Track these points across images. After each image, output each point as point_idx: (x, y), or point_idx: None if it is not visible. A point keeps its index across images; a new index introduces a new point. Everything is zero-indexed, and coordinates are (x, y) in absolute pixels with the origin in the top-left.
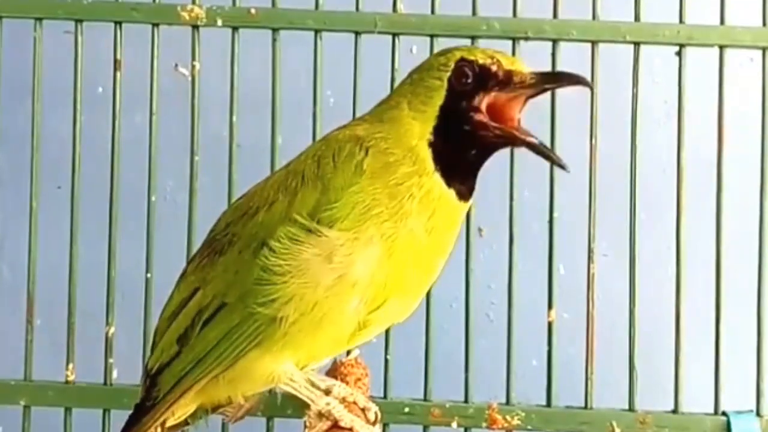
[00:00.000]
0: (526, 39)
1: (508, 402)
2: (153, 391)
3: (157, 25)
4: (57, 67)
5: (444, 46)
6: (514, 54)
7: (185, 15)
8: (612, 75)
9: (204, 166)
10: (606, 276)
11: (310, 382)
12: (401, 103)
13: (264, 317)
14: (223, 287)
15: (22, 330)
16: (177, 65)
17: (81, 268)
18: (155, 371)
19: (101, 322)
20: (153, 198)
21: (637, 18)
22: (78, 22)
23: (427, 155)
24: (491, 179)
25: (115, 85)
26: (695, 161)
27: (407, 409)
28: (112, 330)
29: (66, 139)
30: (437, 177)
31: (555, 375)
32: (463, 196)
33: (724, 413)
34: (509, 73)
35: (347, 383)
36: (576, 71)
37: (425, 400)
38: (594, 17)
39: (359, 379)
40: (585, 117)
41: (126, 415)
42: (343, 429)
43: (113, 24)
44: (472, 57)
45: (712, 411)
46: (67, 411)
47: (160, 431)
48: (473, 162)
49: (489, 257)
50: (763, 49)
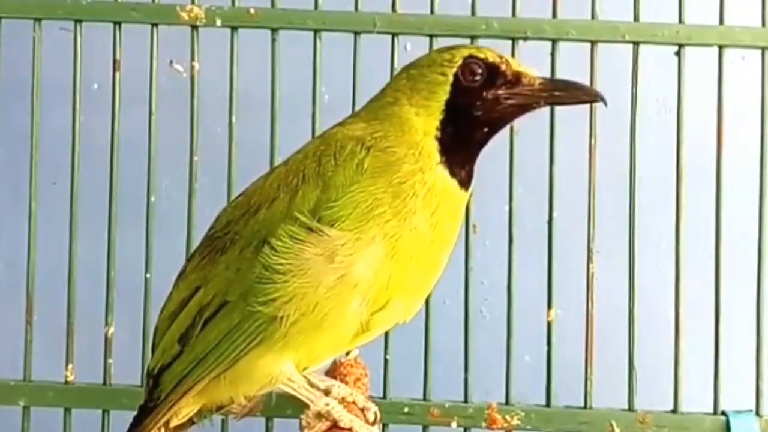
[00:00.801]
0: (525, 39)
1: (507, 402)
2: (155, 392)
3: (156, 25)
4: (49, 65)
5: (443, 45)
6: (513, 54)
7: (184, 15)
8: (612, 75)
9: (203, 166)
10: (604, 275)
11: (309, 382)
12: (399, 99)
13: (265, 316)
14: (225, 285)
15: (21, 330)
16: (172, 61)
17: (80, 267)
18: (157, 372)
19: (100, 322)
20: (152, 198)
21: (636, 18)
22: (77, 22)
23: (434, 149)
24: (484, 177)
25: (115, 85)
26: (694, 161)
27: (407, 409)
28: (111, 330)
29: (59, 136)
30: (441, 169)
31: (554, 375)
32: (465, 184)
33: (723, 413)
34: (518, 74)
35: (346, 383)
36: (575, 71)
37: (425, 400)
38: (593, 17)
39: (358, 379)
40: (585, 117)
41: (125, 416)
42: (343, 429)
43: (112, 24)
44: (482, 55)
45: (711, 411)
46: (67, 411)
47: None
48: (477, 145)
49: (482, 254)
50: (762, 49)
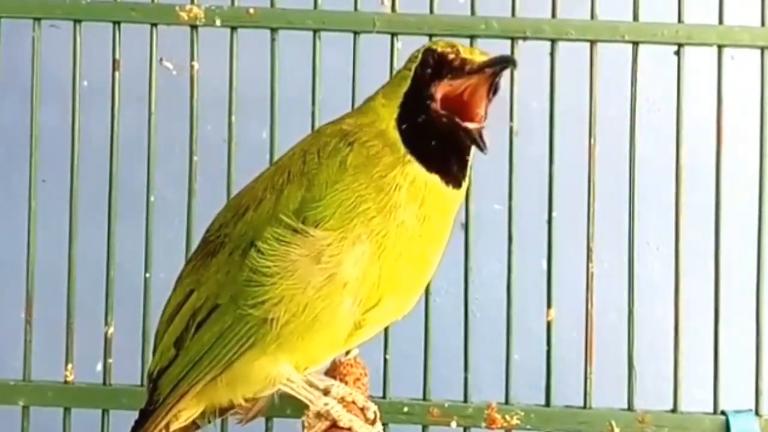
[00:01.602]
0: (524, 39)
1: (507, 401)
2: (154, 395)
3: (156, 25)
4: (43, 63)
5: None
6: (512, 54)
7: (184, 15)
8: (611, 74)
9: (202, 165)
10: (604, 275)
11: (308, 382)
12: (379, 94)
13: (255, 319)
14: (216, 288)
15: (20, 330)
16: (162, 59)
17: (79, 267)
18: (155, 375)
19: (100, 322)
20: (152, 198)
21: (636, 17)
22: (77, 21)
23: (396, 138)
24: (484, 176)
25: (114, 85)
26: (693, 160)
27: (406, 409)
28: (111, 330)
29: (47, 134)
30: (412, 160)
31: (554, 374)
32: (450, 182)
33: (723, 412)
34: (463, 62)
35: (346, 383)
36: (575, 71)
37: (424, 399)
38: (592, 17)
39: (358, 379)
40: (584, 117)
41: (125, 415)
42: (342, 429)
43: (111, 24)
44: (435, 47)
45: (711, 410)
46: (66, 411)
47: None
48: (446, 149)
49: (472, 252)
50: (762, 49)
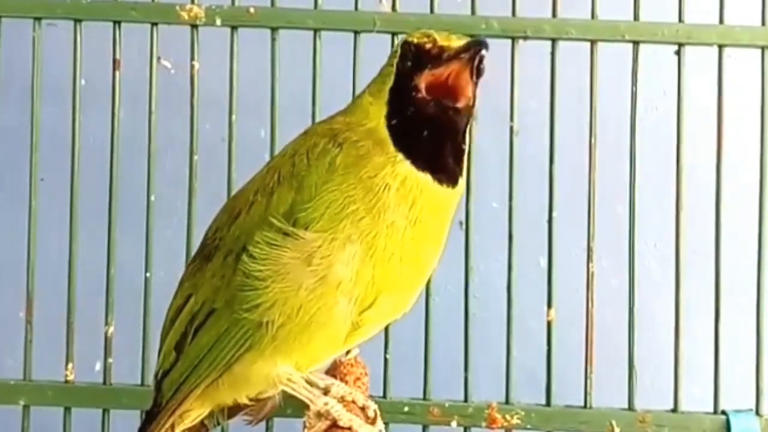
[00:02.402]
0: (525, 38)
1: (507, 401)
2: (158, 398)
3: (156, 25)
4: (43, 63)
5: None
6: (513, 53)
7: (184, 14)
8: (611, 74)
9: (202, 165)
10: (604, 275)
11: (308, 381)
12: (366, 92)
13: (250, 322)
14: (212, 293)
15: (21, 329)
16: (159, 58)
17: (79, 267)
18: (159, 378)
19: (100, 321)
20: (152, 197)
21: (636, 17)
22: (77, 21)
23: (386, 136)
24: (484, 176)
25: (114, 85)
26: (694, 160)
27: (407, 409)
28: (111, 329)
29: (50, 133)
30: (403, 160)
31: (554, 374)
32: (443, 181)
33: (723, 412)
34: (441, 50)
35: (346, 382)
36: (575, 70)
37: (424, 399)
38: (593, 16)
39: (358, 378)
40: (584, 116)
41: (125, 415)
42: (342, 428)
43: (112, 23)
44: (411, 39)
45: (711, 410)
46: (67, 411)
47: None
48: (437, 143)
49: (472, 251)
50: (762, 48)
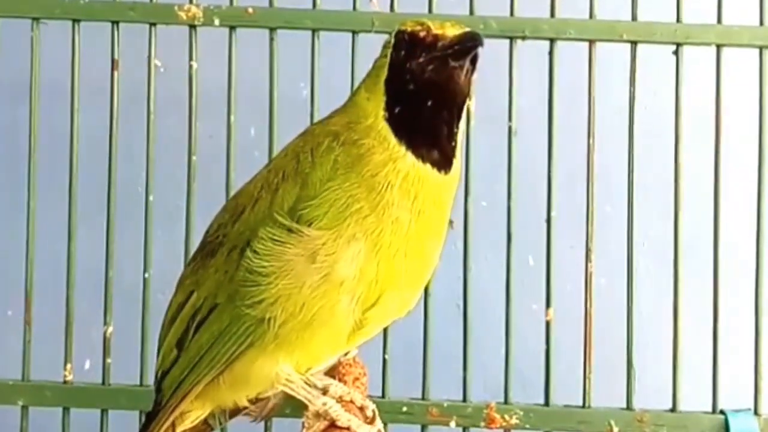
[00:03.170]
0: (523, 38)
1: (506, 401)
2: (158, 397)
3: (154, 25)
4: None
5: None
6: (511, 53)
7: (182, 14)
8: (610, 74)
9: (201, 165)
10: (602, 274)
11: (307, 382)
12: (361, 88)
13: (252, 318)
14: (214, 288)
15: (19, 330)
16: (150, 57)
17: (78, 267)
18: (159, 377)
19: (99, 321)
20: (150, 197)
21: (635, 17)
22: (75, 21)
23: (386, 131)
24: (483, 176)
25: (113, 85)
26: (692, 159)
27: (405, 409)
28: (110, 330)
29: (49, 133)
30: (406, 152)
31: (553, 374)
32: (442, 166)
33: (722, 412)
34: (435, 38)
35: (345, 383)
36: (574, 70)
37: (423, 399)
38: (591, 16)
39: (357, 379)
40: (583, 116)
41: (124, 415)
42: (341, 428)
43: (110, 23)
44: (404, 27)
45: (710, 409)
46: (66, 411)
47: None
48: (436, 124)
49: (460, 249)
50: (760, 48)
